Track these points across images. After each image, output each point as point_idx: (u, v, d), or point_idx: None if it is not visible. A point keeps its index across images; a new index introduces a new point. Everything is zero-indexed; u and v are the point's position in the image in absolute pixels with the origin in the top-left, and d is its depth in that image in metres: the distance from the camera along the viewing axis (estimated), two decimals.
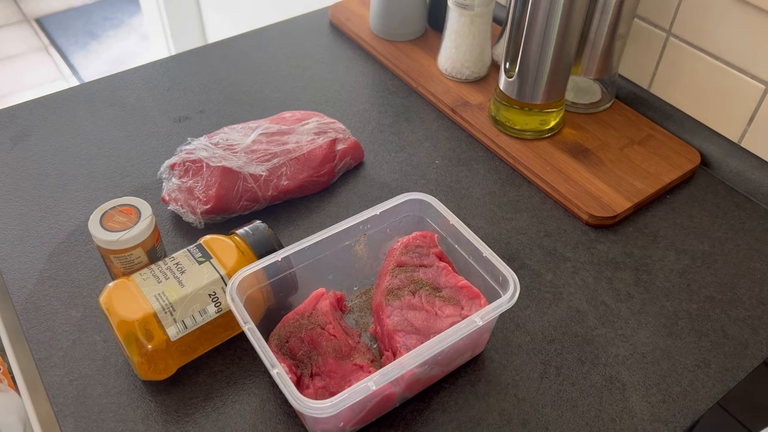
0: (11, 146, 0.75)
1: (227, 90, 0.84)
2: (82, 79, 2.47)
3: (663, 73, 0.78)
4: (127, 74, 0.86)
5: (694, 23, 0.72)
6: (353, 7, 0.97)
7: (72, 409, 0.52)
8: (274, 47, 0.92)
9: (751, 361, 0.56)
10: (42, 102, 0.82)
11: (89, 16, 2.80)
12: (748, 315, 0.60)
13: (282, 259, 0.53)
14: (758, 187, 0.70)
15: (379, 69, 0.88)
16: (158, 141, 0.76)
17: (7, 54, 2.60)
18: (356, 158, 0.73)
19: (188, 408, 0.52)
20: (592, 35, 0.73)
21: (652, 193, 0.69)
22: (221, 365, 0.55)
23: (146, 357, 0.50)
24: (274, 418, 0.52)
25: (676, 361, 0.56)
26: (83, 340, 0.56)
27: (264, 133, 0.69)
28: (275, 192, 0.66)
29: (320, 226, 0.65)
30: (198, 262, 0.54)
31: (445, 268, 0.55)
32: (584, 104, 0.79)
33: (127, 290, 0.52)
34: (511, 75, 0.72)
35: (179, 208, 0.65)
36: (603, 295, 0.61)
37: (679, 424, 0.52)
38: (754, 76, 0.69)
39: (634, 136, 0.76)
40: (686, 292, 0.62)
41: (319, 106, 0.82)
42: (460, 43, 0.80)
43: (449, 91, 0.82)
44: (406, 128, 0.79)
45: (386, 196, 0.70)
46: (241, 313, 0.49)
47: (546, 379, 0.55)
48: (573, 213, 0.69)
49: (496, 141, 0.75)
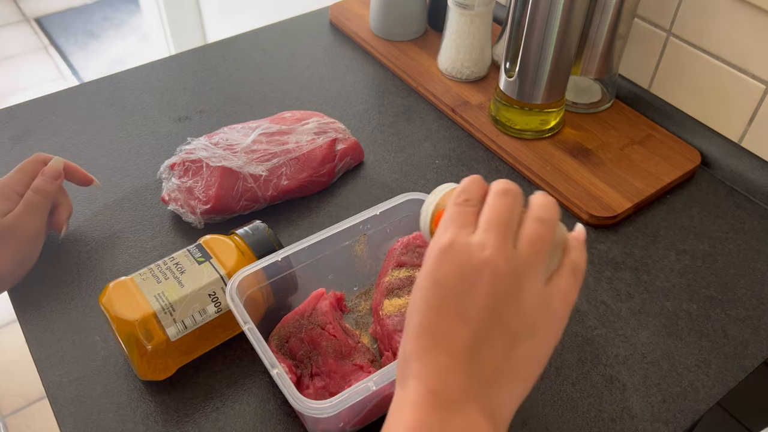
0: (11, 146, 0.75)
1: (227, 90, 0.84)
2: (82, 79, 2.47)
3: (663, 73, 0.78)
4: (127, 74, 0.86)
5: (694, 23, 0.72)
6: (353, 7, 0.97)
7: (72, 409, 0.52)
8: (274, 47, 0.92)
9: (751, 361, 0.56)
10: (42, 102, 0.81)
11: (89, 16, 2.80)
12: (748, 315, 0.60)
13: (282, 259, 0.53)
14: (758, 187, 0.70)
15: (379, 69, 0.88)
16: (158, 141, 0.76)
17: (7, 54, 2.60)
18: (356, 158, 0.73)
19: (188, 408, 0.52)
20: (592, 35, 0.73)
21: (652, 193, 0.69)
22: (221, 365, 0.55)
23: (146, 357, 0.50)
24: (274, 418, 0.52)
25: (676, 361, 0.56)
26: (83, 340, 0.56)
27: (264, 133, 0.69)
28: (275, 192, 0.66)
29: (320, 226, 0.65)
30: (198, 262, 0.54)
31: None
32: (584, 104, 0.79)
33: (127, 290, 0.52)
34: (511, 75, 0.72)
35: (179, 208, 0.65)
36: (603, 295, 0.61)
37: (679, 424, 0.52)
38: (754, 76, 0.69)
39: (634, 136, 0.76)
40: (686, 292, 0.62)
41: (319, 106, 0.82)
42: (460, 43, 0.80)
43: (449, 91, 0.82)
44: (406, 128, 0.79)
45: (386, 196, 0.70)
46: (240, 313, 0.49)
47: (546, 379, 0.55)
48: (573, 213, 0.69)
49: (496, 141, 0.75)
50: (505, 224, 0.36)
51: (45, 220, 0.59)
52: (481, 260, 0.34)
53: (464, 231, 0.36)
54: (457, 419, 0.34)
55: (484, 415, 0.34)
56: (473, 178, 0.39)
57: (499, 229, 0.35)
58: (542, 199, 0.37)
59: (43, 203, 0.59)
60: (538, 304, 0.35)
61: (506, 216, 0.36)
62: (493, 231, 0.35)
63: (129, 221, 0.67)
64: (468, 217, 0.37)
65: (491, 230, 0.35)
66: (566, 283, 0.36)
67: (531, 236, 0.36)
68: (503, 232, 0.35)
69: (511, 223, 0.36)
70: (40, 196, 0.59)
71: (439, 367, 0.34)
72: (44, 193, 0.59)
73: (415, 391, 0.34)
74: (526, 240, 0.36)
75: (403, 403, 0.35)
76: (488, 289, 0.34)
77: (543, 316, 0.35)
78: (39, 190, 0.59)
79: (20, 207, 0.58)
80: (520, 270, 0.35)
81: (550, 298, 0.35)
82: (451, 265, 0.35)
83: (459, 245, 0.35)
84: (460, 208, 0.37)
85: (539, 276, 0.35)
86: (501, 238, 0.35)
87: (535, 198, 0.38)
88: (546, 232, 0.36)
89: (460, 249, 0.35)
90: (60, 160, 0.61)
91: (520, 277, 0.35)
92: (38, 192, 0.59)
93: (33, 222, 0.58)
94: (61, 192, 0.62)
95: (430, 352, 0.35)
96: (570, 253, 0.38)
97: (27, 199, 0.58)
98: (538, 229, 0.36)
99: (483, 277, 0.34)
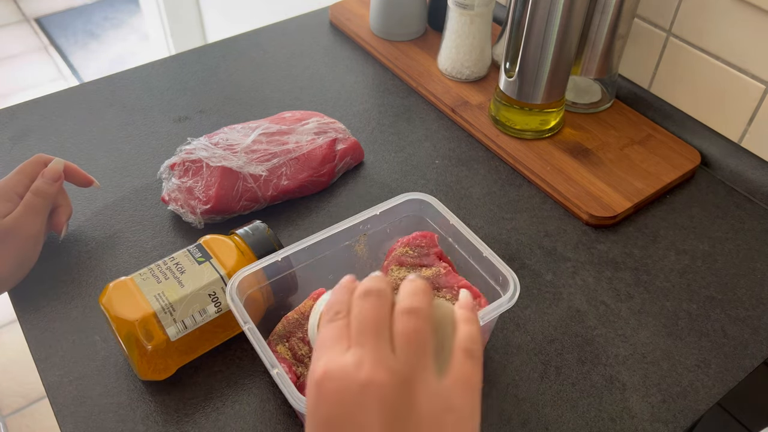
0: (11, 146, 0.75)
1: (227, 90, 0.84)
2: (82, 79, 2.47)
3: (663, 73, 0.78)
4: (127, 74, 0.86)
5: (694, 23, 0.72)
6: (353, 7, 0.97)
7: (72, 409, 0.52)
8: (274, 47, 0.92)
9: (751, 361, 0.56)
10: (42, 102, 0.82)
11: (89, 16, 2.80)
12: (748, 315, 0.60)
13: (282, 259, 0.53)
14: (758, 187, 0.70)
15: (379, 69, 0.88)
16: (158, 141, 0.76)
17: (7, 54, 2.60)
18: (356, 158, 0.73)
19: (188, 408, 0.52)
20: (592, 35, 0.73)
21: (652, 193, 0.69)
22: (221, 365, 0.55)
23: (146, 357, 0.50)
24: (273, 418, 0.52)
25: (676, 361, 0.56)
26: (83, 340, 0.56)
27: (264, 133, 0.69)
28: (275, 192, 0.66)
29: (320, 226, 0.65)
30: (198, 262, 0.54)
31: (445, 268, 0.55)
32: (584, 104, 0.79)
33: (127, 290, 0.52)
34: (511, 75, 0.72)
35: (179, 208, 0.65)
36: (603, 295, 0.61)
37: (679, 424, 0.52)
38: (754, 76, 0.69)
39: (634, 136, 0.76)
40: (686, 292, 0.62)
41: (319, 106, 0.82)
42: (460, 43, 0.80)
43: (449, 91, 0.82)
44: (406, 128, 0.79)
45: (386, 196, 0.70)
46: (241, 313, 0.49)
47: (546, 379, 0.55)
48: (573, 213, 0.69)
49: (496, 141, 0.75)
50: (375, 330, 0.32)
51: (45, 221, 0.59)
52: (360, 382, 0.30)
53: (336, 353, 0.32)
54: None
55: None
56: (341, 284, 0.35)
57: (369, 337, 0.32)
58: (409, 286, 0.34)
59: (42, 205, 0.59)
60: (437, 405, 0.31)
61: (374, 320, 0.32)
62: (364, 342, 0.32)
63: (129, 221, 0.67)
64: (340, 332, 0.33)
65: (362, 341, 0.32)
66: (462, 368, 0.32)
67: (406, 333, 0.32)
68: (375, 339, 0.32)
69: (380, 326, 0.32)
70: (40, 198, 0.59)
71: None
72: (44, 195, 0.59)
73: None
74: (403, 339, 0.32)
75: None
76: (378, 412, 0.30)
77: (448, 414, 0.31)
78: (39, 191, 0.59)
79: (20, 209, 0.57)
80: (406, 376, 0.31)
81: (449, 393, 0.32)
82: (330, 398, 0.31)
83: (334, 372, 0.31)
84: (331, 324, 0.33)
85: (430, 374, 0.32)
86: (374, 347, 0.31)
87: (402, 288, 0.34)
88: (420, 324, 0.32)
89: (337, 376, 0.31)
90: (60, 162, 0.61)
91: (408, 385, 0.31)
92: (38, 194, 0.59)
93: (33, 224, 0.58)
94: (61, 193, 0.62)
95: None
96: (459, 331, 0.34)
97: (27, 200, 0.58)
98: (411, 323, 0.32)
99: (369, 400, 0.30)
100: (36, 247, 0.59)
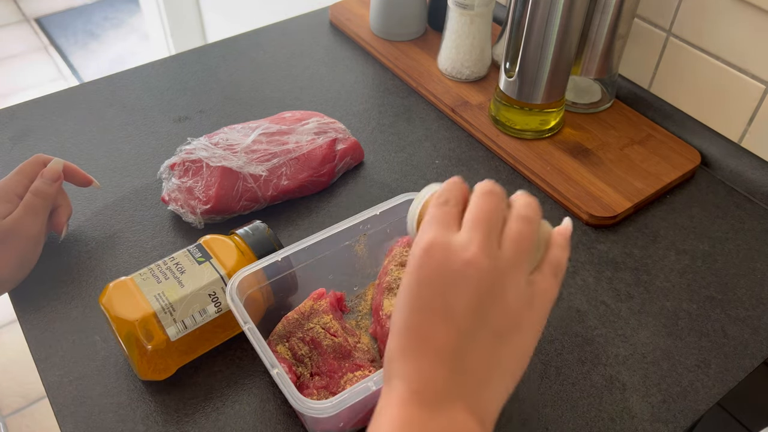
0: (11, 146, 0.75)
1: (227, 90, 0.84)
2: (82, 79, 2.47)
3: (663, 73, 0.78)
4: (127, 74, 0.86)
5: (694, 23, 0.72)
6: (353, 7, 0.97)
7: (72, 409, 0.52)
8: (274, 47, 0.92)
9: (751, 361, 0.56)
10: (42, 102, 0.82)
11: (89, 16, 2.80)
12: (748, 315, 0.60)
13: (282, 259, 0.53)
14: (758, 187, 0.70)
15: (379, 69, 0.88)
16: (158, 141, 0.76)
17: (7, 54, 2.60)
18: (356, 158, 0.73)
19: (188, 408, 0.52)
20: (592, 35, 0.73)
21: (652, 193, 0.69)
22: (221, 365, 0.55)
23: (146, 357, 0.50)
24: (274, 418, 0.52)
25: (676, 361, 0.56)
26: (83, 340, 0.56)
27: (264, 133, 0.69)
28: (275, 192, 0.66)
29: (320, 226, 0.65)
30: (198, 262, 0.54)
31: None
32: (584, 104, 0.79)
33: (127, 290, 0.52)
34: (511, 75, 0.72)
35: (179, 208, 0.65)
36: (603, 295, 0.61)
37: (679, 424, 0.52)
38: (754, 76, 0.69)
39: (634, 136, 0.76)
40: (686, 292, 0.62)
41: (319, 106, 0.82)
42: (460, 43, 0.80)
43: (449, 91, 0.82)
44: (406, 128, 0.79)
45: (386, 196, 0.70)
46: (241, 313, 0.49)
47: (546, 379, 0.55)
48: (573, 213, 0.69)
49: (496, 141, 0.75)
50: (489, 224, 0.36)
51: (45, 222, 0.59)
52: (464, 260, 0.34)
53: (445, 231, 0.36)
54: (441, 417, 0.34)
55: (470, 412, 0.34)
56: (453, 180, 0.40)
57: (483, 228, 0.35)
58: (525, 199, 0.38)
59: (42, 205, 0.59)
60: (521, 302, 0.35)
61: (490, 216, 0.36)
62: (477, 230, 0.35)
63: (129, 221, 0.67)
64: (448, 218, 0.37)
65: (476, 230, 0.35)
66: (547, 283, 0.37)
67: (515, 235, 0.36)
68: (487, 232, 0.35)
69: (495, 222, 0.36)
70: (40, 199, 0.58)
71: (422, 367, 0.34)
72: (44, 196, 0.59)
73: (399, 391, 0.34)
74: (510, 239, 0.36)
75: (388, 402, 0.35)
76: (473, 288, 0.34)
77: (526, 313, 0.36)
78: (38, 192, 0.59)
79: (20, 209, 0.57)
80: (504, 269, 0.35)
81: (532, 296, 0.36)
82: (433, 264, 0.35)
83: (440, 245, 0.35)
84: (441, 208, 0.37)
85: (523, 275, 0.36)
86: (485, 237, 0.35)
87: (518, 197, 0.38)
88: (529, 231, 0.36)
89: (442, 248, 0.35)
90: (59, 162, 0.61)
91: (504, 277, 0.35)
92: (38, 194, 0.59)
93: (33, 224, 0.58)
94: (60, 193, 0.62)
95: (413, 352, 0.35)
96: (551, 251, 0.38)
97: (26, 201, 0.58)
98: (522, 229, 0.36)
99: (467, 276, 0.34)
100: (36, 248, 0.59)
